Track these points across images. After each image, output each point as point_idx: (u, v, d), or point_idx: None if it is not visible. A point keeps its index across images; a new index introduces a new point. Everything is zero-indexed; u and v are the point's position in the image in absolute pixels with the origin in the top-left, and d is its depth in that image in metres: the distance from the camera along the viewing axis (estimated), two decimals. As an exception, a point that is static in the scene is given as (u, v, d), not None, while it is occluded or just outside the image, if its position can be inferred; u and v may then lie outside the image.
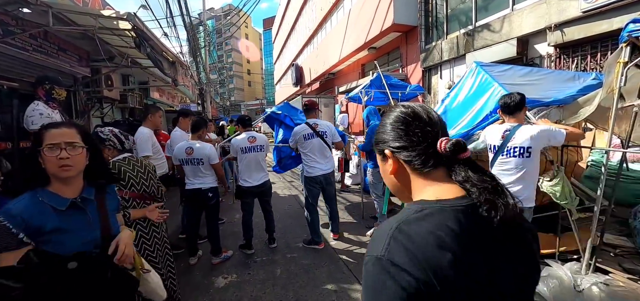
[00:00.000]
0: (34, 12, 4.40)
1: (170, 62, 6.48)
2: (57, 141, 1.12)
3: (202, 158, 3.09)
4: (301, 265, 3.06)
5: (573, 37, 5.08)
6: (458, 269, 0.51)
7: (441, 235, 0.53)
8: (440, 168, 0.67)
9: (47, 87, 2.83)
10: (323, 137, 3.40)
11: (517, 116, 2.26)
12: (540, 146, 2.15)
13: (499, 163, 2.28)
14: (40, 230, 1.09)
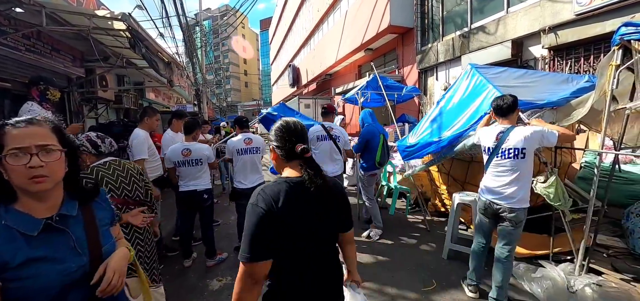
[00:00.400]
0: (27, 12, 4.35)
1: (166, 63, 6.44)
2: (26, 144, 0.85)
3: (201, 158, 3.08)
4: (297, 267, 3.05)
5: (567, 40, 5.14)
6: (287, 206, 1.05)
7: (281, 190, 1.07)
8: (295, 161, 1.16)
9: (42, 87, 2.80)
10: (336, 141, 3.43)
11: (510, 118, 2.29)
12: (533, 147, 2.17)
13: (494, 165, 2.30)
14: (5, 266, 0.82)
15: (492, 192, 2.30)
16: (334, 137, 3.42)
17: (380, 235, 3.72)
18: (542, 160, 2.53)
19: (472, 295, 2.49)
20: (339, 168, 3.57)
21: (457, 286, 2.61)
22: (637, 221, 2.87)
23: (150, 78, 9.94)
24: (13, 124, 0.88)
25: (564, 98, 2.74)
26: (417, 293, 2.54)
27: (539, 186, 2.53)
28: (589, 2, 4.71)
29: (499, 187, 2.25)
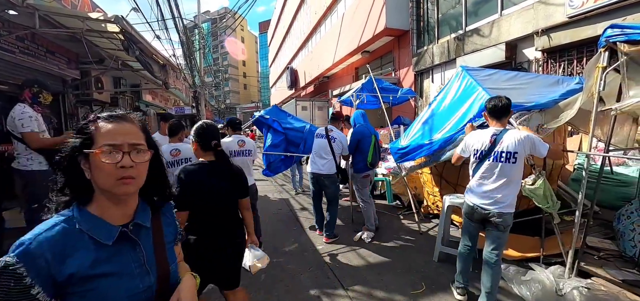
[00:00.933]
0: (20, 15, 4.35)
1: (161, 65, 6.44)
2: (119, 141, 0.77)
3: (191, 157, 3.05)
4: (286, 269, 3.03)
5: (559, 42, 5.16)
6: (201, 176, 1.72)
7: (199, 168, 1.76)
8: (210, 151, 1.81)
9: (35, 90, 2.80)
10: (331, 141, 3.65)
11: (503, 121, 2.25)
12: (525, 152, 2.13)
13: (485, 168, 2.21)
14: (70, 278, 0.71)
15: (480, 196, 2.24)
16: (330, 137, 3.67)
17: (372, 237, 3.71)
18: (530, 163, 2.52)
19: (460, 298, 2.47)
20: (327, 169, 3.64)
21: (446, 289, 2.59)
22: (627, 223, 2.86)
23: (147, 80, 9.93)
24: (106, 118, 0.80)
25: (553, 100, 2.75)
26: (406, 297, 2.53)
27: (527, 188, 2.53)
28: (581, 5, 4.73)
29: (489, 191, 2.20)
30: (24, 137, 2.69)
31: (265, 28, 53.85)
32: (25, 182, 2.77)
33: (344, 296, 2.55)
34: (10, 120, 2.70)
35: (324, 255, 3.33)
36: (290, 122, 4.63)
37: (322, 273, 2.95)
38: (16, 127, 2.68)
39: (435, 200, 4.29)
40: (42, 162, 2.77)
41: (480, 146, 2.26)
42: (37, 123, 2.80)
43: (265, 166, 4.64)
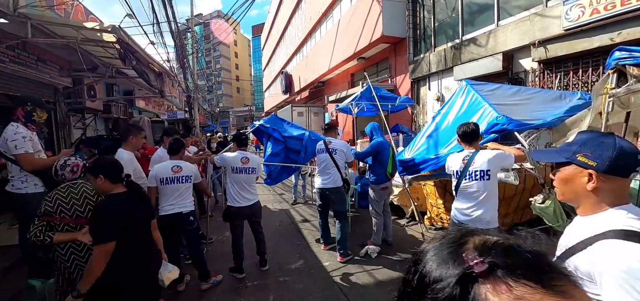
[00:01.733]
0: (11, 23, 4.19)
1: (157, 73, 6.31)
2: None
3: (191, 175, 2.98)
4: (294, 290, 2.97)
5: (556, 54, 5.26)
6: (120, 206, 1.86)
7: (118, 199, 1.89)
8: (120, 182, 1.94)
9: (28, 108, 2.67)
10: (332, 154, 3.61)
11: (474, 144, 2.38)
12: (497, 168, 2.28)
13: (462, 188, 2.36)
14: None
15: (462, 213, 2.37)
16: (330, 150, 3.61)
17: (378, 252, 3.68)
18: (540, 182, 2.54)
19: None
20: (333, 182, 3.59)
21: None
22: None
23: (140, 87, 9.72)
24: None
25: (559, 118, 2.78)
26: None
27: (537, 207, 2.54)
28: (577, 18, 4.84)
29: (467, 209, 2.33)
30: (18, 159, 2.56)
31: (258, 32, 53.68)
32: (19, 205, 2.64)
33: (356, 319, 2.51)
34: (2, 141, 2.57)
35: (331, 272, 3.28)
36: (289, 130, 4.58)
37: (332, 293, 2.90)
38: (9, 149, 2.55)
39: (439, 212, 4.30)
40: (38, 184, 2.65)
41: (457, 167, 2.41)
42: (32, 144, 2.66)
43: (266, 175, 4.57)
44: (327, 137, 3.77)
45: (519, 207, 3.96)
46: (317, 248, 3.92)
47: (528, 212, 4.07)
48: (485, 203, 2.28)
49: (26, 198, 2.58)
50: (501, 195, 3.61)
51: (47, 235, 1.89)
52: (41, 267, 2.69)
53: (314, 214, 5.60)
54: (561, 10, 5.09)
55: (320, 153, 3.70)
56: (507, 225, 3.91)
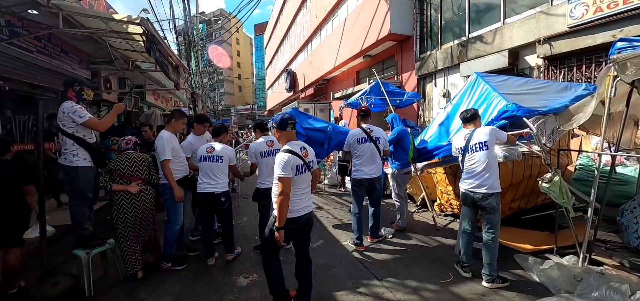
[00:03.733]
0: (41, 14, 4.40)
1: (174, 66, 6.51)
2: None
3: (222, 156, 3.20)
4: (318, 264, 3.18)
5: (560, 50, 5.48)
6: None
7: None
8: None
9: (77, 88, 2.91)
10: (376, 142, 3.52)
11: (473, 123, 2.87)
12: (493, 141, 2.71)
13: (467, 160, 2.80)
14: None
15: (468, 182, 2.79)
16: (374, 138, 3.53)
17: (393, 234, 3.90)
18: (547, 162, 2.76)
19: (466, 275, 2.85)
20: (378, 171, 3.59)
21: (473, 279, 2.80)
22: (631, 217, 3.12)
23: (151, 81, 9.95)
24: None
25: (564, 106, 2.99)
26: (437, 286, 2.72)
27: (543, 185, 2.76)
28: (581, 16, 5.06)
29: (474, 176, 2.74)
30: (87, 125, 2.83)
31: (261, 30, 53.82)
32: (69, 177, 2.87)
33: (380, 286, 2.73)
34: (63, 116, 2.80)
35: (351, 251, 3.50)
36: (311, 122, 4.76)
37: (353, 266, 3.12)
38: (74, 121, 2.80)
39: (449, 199, 4.52)
40: (86, 159, 2.88)
41: (461, 144, 2.86)
42: (89, 116, 2.97)
43: None
44: (365, 125, 3.63)
45: (525, 193, 4.17)
46: (335, 231, 4.14)
47: (533, 198, 4.30)
48: (488, 170, 2.67)
49: (77, 171, 2.81)
50: (509, 180, 3.86)
51: (108, 183, 2.81)
52: (86, 239, 2.91)
53: (327, 202, 5.83)
54: (566, 9, 5.30)
55: (363, 143, 3.55)
56: (514, 209, 4.13)
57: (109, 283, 2.87)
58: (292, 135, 2.33)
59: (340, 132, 4.34)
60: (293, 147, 2.23)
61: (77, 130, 2.84)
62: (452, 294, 2.59)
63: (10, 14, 4.34)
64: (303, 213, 2.25)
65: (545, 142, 2.85)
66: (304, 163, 2.24)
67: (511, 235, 3.64)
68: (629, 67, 2.38)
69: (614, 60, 2.31)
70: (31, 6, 4.17)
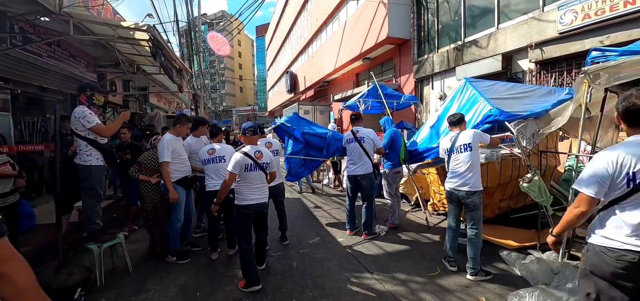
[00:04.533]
0: (54, 21, 4.63)
1: (178, 70, 6.74)
2: None
3: (224, 156, 3.39)
4: (315, 258, 3.38)
5: (551, 55, 5.67)
6: None
7: None
8: None
9: (88, 93, 3.11)
10: (361, 142, 3.89)
11: (459, 127, 3.09)
12: (476, 143, 2.92)
13: (453, 160, 3.03)
14: None
15: (452, 182, 3.01)
16: (359, 138, 3.91)
17: (386, 231, 4.09)
18: (527, 164, 2.95)
19: (453, 269, 3.06)
20: (365, 169, 3.89)
21: (459, 272, 2.98)
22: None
23: (154, 83, 10.19)
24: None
25: (545, 110, 3.18)
26: (424, 278, 2.91)
27: (524, 185, 2.95)
28: (570, 23, 5.25)
29: (458, 175, 2.96)
30: (94, 130, 3.03)
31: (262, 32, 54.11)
32: (83, 175, 3.08)
33: (371, 279, 2.92)
34: (74, 120, 3.02)
35: (345, 247, 3.69)
36: (312, 128, 4.93)
37: (347, 260, 3.31)
38: (83, 125, 3.01)
39: (441, 198, 4.70)
40: (99, 159, 3.10)
41: (447, 145, 3.10)
42: (99, 120, 3.17)
43: (287, 171, 4.95)
44: (355, 127, 4.03)
45: (513, 193, 4.35)
46: (331, 229, 4.33)
47: (522, 198, 4.48)
48: (472, 169, 2.89)
49: (90, 169, 3.03)
50: (497, 181, 4.05)
51: (137, 173, 3.49)
52: (97, 233, 3.12)
53: (325, 202, 6.03)
54: (556, 15, 5.49)
55: (349, 143, 3.99)
56: (503, 209, 4.31)
57: (119, 275, 3.08)
58: (252, 139, 2.91)
59: (339, 139, 4.55)
60: (249, 150, 2.81)
61: (89, 133, 3.05)
62: (438, 286, 2.78)
63: (24, 21, 4.57)
64: (254, 202, 2.84)
65: (526, 145, 3.03)
66: (255, 163, 2.79)
67: (498, 232, 3.83)
68: (601, 76, 2.58)
69: (586, 72, 2.50)
70: (43, 14, 4.40)
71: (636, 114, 1.43)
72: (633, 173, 1.37)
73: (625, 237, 1.38)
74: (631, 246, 1.36)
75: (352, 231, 4.10)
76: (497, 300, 2.57)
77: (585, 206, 1.49)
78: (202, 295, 2.74)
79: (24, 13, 4.36)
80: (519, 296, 2.42)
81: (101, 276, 2.88)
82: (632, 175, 1.37)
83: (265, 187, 2.94)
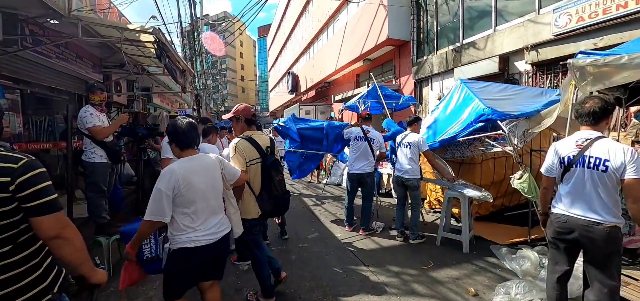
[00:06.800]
0: (63, 24, 4.79)
1: (181, 71, 6.90)
2: None
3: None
4: (313, 252, 3.52)
5: (547, 57, 5.77)
6: None
7: None
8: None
9: (85, 95, 3.28)
10: (371, 142, 3.99)
11: (412, 128, 3.85)
12: (417, 145, 3.69)
13: (400, 151, 3.82)
14: None
15: (399, 169, 3.81)
16: (369, 139, 4.00)
17: (383, 227, 4.22)
18: (518, 161, 3.07)
19: (399, 240, 3.78)
20: (369, 168, 3.99)
21: (450, 265, 3.11)
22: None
23: (158, 83, 10.38)
24: None
25: (536, 110, 3.30)
26: (417, 271, 3.04)
27: (515, 182, 3.07)
28: (565, 25, 5.35)
29: (403, 165, 3.76)
30: (90, 131, 3.17)
31: (264, 33, 54.40)
32: (87, 171, 3.23)
33: (366, 271, 3.05)
34: (79, 119, 3.18)
35: (343, 242, 3.83)
36: (308, 123, 5.05)
37: (344, 254, 3.44)
38: (82, 125, 3.17)
39: (437, 196, 4.83)
40: (102, 156, 3.25)
41: (399, 139, 3.85)
42: (98, 119, 3.30)
43: (289, 170, 5.06)
44: (365, 126, 4.09)
45: (508, 191, 4.47)
46: (330, 225, 4.47)
47: (516, 196, 4.59)
48: (412, 162, 3.71)
49: (94, 166, 3.19)
50: (491, 179, 4.17)
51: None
52: (104, 226, 3.28)
53: (325, 199, 6.16)
54: (551, 18, 5.60)
55: (358, 141, 4.03)
56: (497, 206, 4.42)
57: (126, 267, 3.22)
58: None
59: (336, 126, 4.67)
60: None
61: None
62: (430, 278, 2.90)
63: (34, 23, 4.74)
64: None
65: (517, 143, 3.15)
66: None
67: (492, 230, 3.95)
68: (587, 76, 2.69)
69: (572, 65, 2.61)
70: (53, 17, 4.57)
71: (580, 116, 1.95)
72: (563, 157, 1.92)
73: (561, 205, 1.94)
74: (563, 211, 1.91)
75: (350, 227, 4.21)
76: (486, 291, 2.69)
77: (544, 182, 2.12)
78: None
79: (34, 16, 4.54)
80: (506, 287, 2.54)
81: (110, 267, 3.02)
82: (562, 158, 1.93)
83: None
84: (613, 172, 1.72)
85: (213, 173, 1.87)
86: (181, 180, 1.68)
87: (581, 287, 2.32)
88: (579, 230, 1.81)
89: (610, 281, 1.76)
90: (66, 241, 1.13)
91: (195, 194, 1.73)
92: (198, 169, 1.79)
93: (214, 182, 1.86)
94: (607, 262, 1.78)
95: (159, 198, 1.64)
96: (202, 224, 1.78)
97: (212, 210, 1.84)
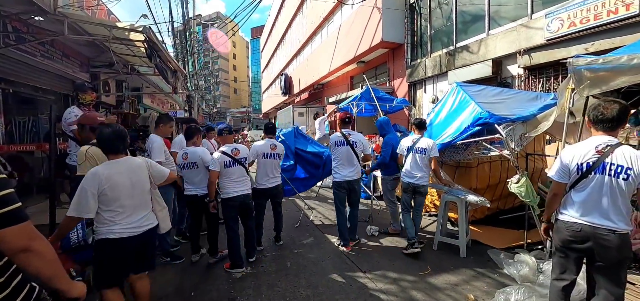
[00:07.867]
0: (48, 21, 4.60)
1: (173, 71, 6.74)
2: None
3: (195, 161, 3.20)
4: (308, 258, 3.43)
5: (539, 61, 5.84)
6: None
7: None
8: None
9: (73, 94, 3.13)
10: (353, 146, 3.62)
11: (421, 132, 3.66)
12: (430, 151, 3.51)
13: (411, 158, 3.59)
14: None
15: (410, 176, 3.59)
16: (351, 142, 3.63)
17: (378, 232, 4.16)
18: (515, 165, 3.06)
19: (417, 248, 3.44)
20: (356, 174, 3.68)
21: (448, 271, 3.07)
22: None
23: (148, 84, 10.15)
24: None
25: (532, 114, 3.30)
26: (415, 277, 2.99)
27: (513, 186, 3.05)
28: (557, 30, 5.43)
29: (414, 173, 3.56)
30: (75, 133, 3.03)
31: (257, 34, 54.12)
32: (73, 175, 3.08)
33: (363, 277, 2.98)
34: (63, 120, 3.03)
35: (339, 247, 3.75)
36: (308, 147, 4.84)
37: (340, 260, 3.37)
38: (65, 126, 3.03)
39: (433, 200, 4.80)
40: None
41: (408, 144, 3.64)
42: None
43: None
44: (345, 130, 3.75)
45: (503, 194, 4.47)
46: (325, 230, 4.38)
47: (511, 200, 4.60)
48: (422, 170, 3.54)
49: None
50: (487, 182, 4.16)
51: None
52: (91, 233, 3.11)
53: (320, 204, 6.08)
54: (543, 22, 5.67)
55: (339, 147, 3.65)
56: (493, 210, 4.42)
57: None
58: (228, 139, 3.29)
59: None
60: (226, 149, 3.15)
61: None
62: (428, 284, 2.86)
63: (17, 20, 4.54)
64: (237, 193, 3.14)
65: (514, 147, 3.14)
66: (233, 159, 3.11)
67: (488, 233, 3.93)
68: (584, 80, 2.70)
69: (572, 64, 2.60)
70: (38, 13, 4.38)
71: (601, 121, 1.84)
72: (581, 163, 1.82)
73: (574, 213, 1.86)
74: (576, 219, 1.84)
75: (351, 244, 3.75)
76: (485, 297, 2.65)
77: (555, 189, 1.97)
78: (198, 293, 2.77)
79: (18, 12, 4.34)
80: (506, 294, 2.51)
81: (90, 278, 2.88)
82: (580, 165, 1.82)
83: (247, 179, 3.24)
84: (633, 179, 1.69)
85: (139, 174, 2.09)
86: (105, 180, 1.89)
87: (581, 292, 2.31)
88: (595, 238, 1.76)
89: (618, 289, 1.74)
90: (35, 254, 1.03)
91: (120, 192, 1.95)
92: (122, 170, 2.00)
93: (139, 181, 2.07)
94: (619, 270, 1.76)
95: (83, 196, 1.85)
96: (125, 219, 1.98)
97: (136, 207, 2.05)
